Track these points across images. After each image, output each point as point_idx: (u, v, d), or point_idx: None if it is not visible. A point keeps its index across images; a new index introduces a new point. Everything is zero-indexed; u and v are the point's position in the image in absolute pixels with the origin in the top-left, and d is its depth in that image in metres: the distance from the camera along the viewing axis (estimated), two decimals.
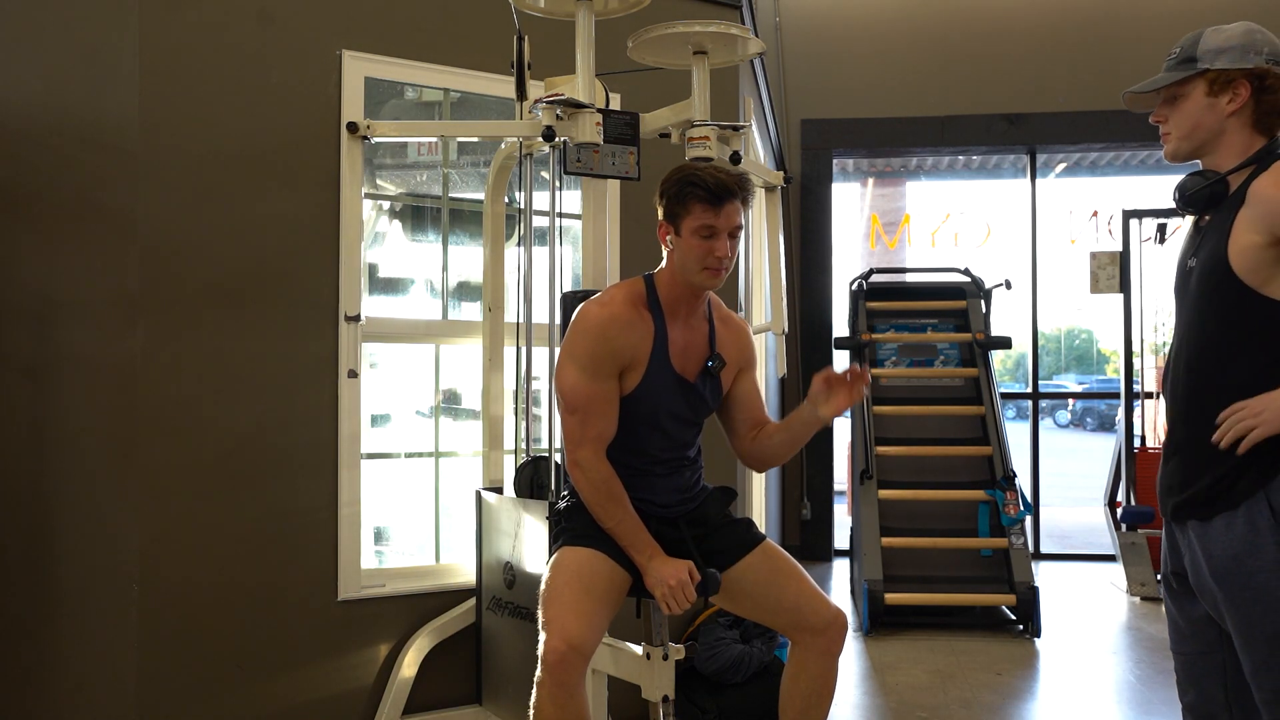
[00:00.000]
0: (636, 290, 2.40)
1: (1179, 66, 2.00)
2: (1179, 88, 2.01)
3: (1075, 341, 15.34)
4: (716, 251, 2.28)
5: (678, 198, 2.30)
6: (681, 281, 2.35)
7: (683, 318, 2.40)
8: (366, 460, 3.31)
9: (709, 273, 2.30)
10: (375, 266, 3.72)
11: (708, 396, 2.44)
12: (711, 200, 2.26)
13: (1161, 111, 2.04)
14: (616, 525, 2.32)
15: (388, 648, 3.26)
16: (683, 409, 2.42)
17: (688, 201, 2.28)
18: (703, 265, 2.29)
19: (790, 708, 2.42)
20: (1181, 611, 2.04)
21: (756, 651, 3.54)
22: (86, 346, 3.05)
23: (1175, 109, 2.01)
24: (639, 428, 2.39)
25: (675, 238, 2.32)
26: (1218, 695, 2.00)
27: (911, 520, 5.43)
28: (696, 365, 2.41)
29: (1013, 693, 4.08)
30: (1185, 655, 2.05)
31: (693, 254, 2.29)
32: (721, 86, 3.24)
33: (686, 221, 2.28)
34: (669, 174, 2.35)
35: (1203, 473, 1.91)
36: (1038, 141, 7.13)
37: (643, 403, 2.37)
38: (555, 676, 2.14)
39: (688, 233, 2.29)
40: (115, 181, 2.99)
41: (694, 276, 2.31)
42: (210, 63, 3.04)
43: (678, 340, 2.39)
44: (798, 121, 7.10)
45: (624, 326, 2.33)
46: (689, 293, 2.37)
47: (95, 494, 3.02)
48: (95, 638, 3.00)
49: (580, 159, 2.78)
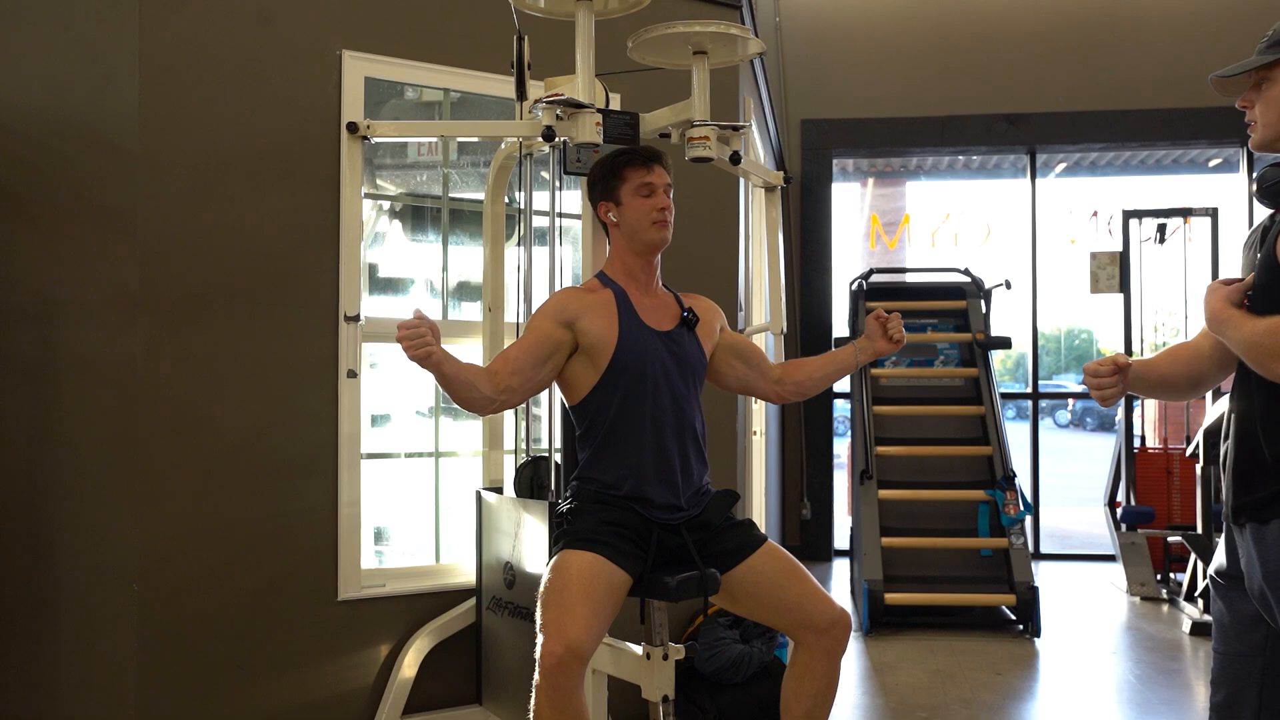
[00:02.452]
0: (589, 282, 2.57)
1: (1269, 49, 1.86)
2: (1268, 71, 1.88)
3: (1075, 341, 15.34)
4: (659, 204, 2.47)
5: (611, 172, 2.50)
6: (633, 249, 2.50)
7: (640, 287, 2.53)
8: (366, 460, 3.31)
9: (659, 225, 2.47)
10: (375, 266, 3.72)
11: (689, 347, 2.51)
12: (642, 162, 2.49)
13: (1249, 97, 1.93)
14: (444, 377, 2.24)
15: (388, 648, 3.26)
16: (670, 362, 2.47)
17: (621, 170, 2.49)
18: (651, 220, 2.46)
19: (794, 708, 2.42)
20: (1230, 609, 1.99)
21: (756, 651, 3.53)
22: (86, 346, 3.05)
23: (1262, 95, 1.89)
24: (637, 389, 2.42)
25: (618, 209, 2.49)
26: (1251, 700, 1.98)
27: (911, 520, 5.43)
28: (670, 320, 2.53)
29: (1013, 693, 4.08)
30: (1226, 655, 2.01)
31: (639, 212, 2.46)
32: (721, 86, 3.24)
33: (625, 188, 2.48)
34: (591, 167, 2.58)
35: (1262, 477, 1.86)
36: (1038, 141, 7.13)
37: (630, 358, 2.42)
38: (553, 680, 2.14)
39: (629, 196, 2.47)
40: (115, 181, 2.99)
41: (645, 234, 2.47)
42: (210, 63, 3.04)
43: (643, 303, 2.51)
44: (798, 121, 7.10)
45: (578, 294, 2.49)
46: (641, 263, 2.52)
47: (95, 494, 3.02)
48: (95, 638, 3.00)
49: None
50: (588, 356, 2.42)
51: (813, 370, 2.68)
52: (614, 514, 2.39)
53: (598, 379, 2.42)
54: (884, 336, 2.61)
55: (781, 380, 2.69)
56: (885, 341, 2.61)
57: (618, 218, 2.49)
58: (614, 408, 2.41)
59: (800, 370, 2.69)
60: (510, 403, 2.39)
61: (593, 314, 2.43)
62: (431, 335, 2.17)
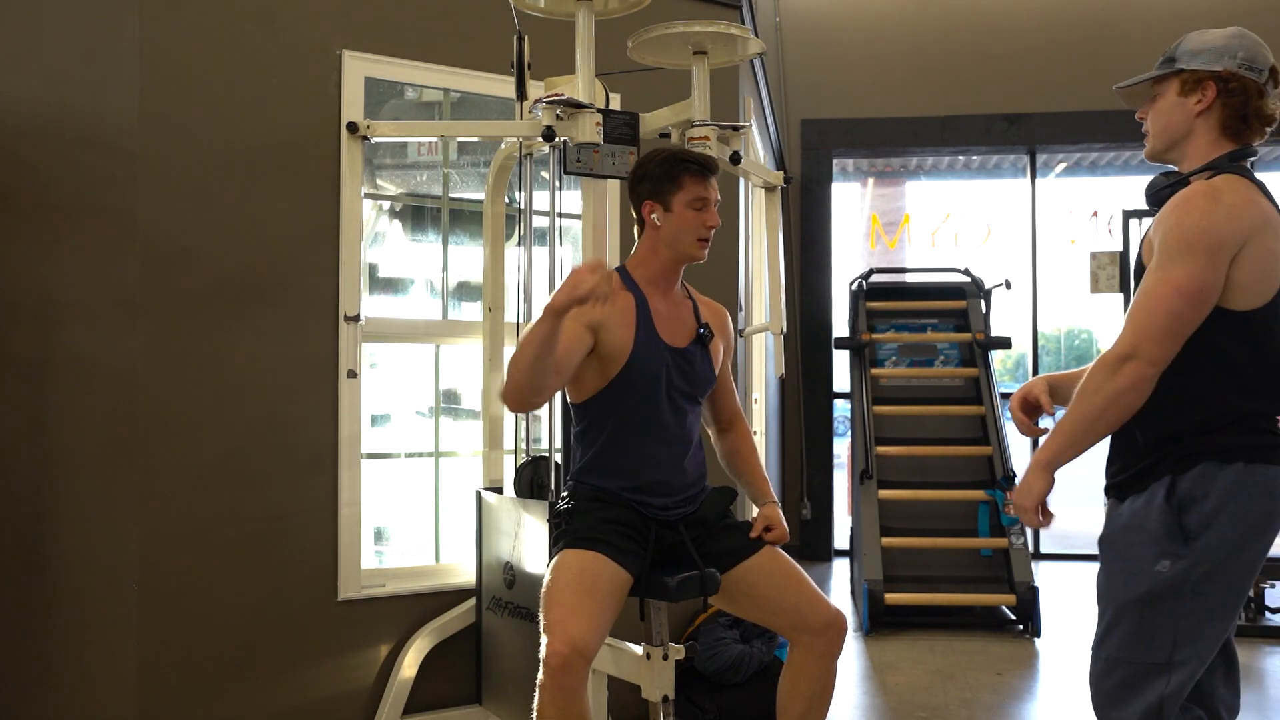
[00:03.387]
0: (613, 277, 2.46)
1: (1161, 66, 2.02)
2: (1157, 85, 2.03)
3: (1075, 341, 15.34)
4: (709, 221, 2.41)
5: (668, 175, 2.40)
6: (667, 256, 2.43)
7: (661, 293, 2.47)
8: (366, 460, 3.31)
9: (702, 243, 2.42)
10: (375, 266, 3.72)
11: (699, 366, 2.48)
12: (702, 174, 2.41)
13: (1145, 109, 2.06)
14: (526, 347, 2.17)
15: (388, 648, 3.26)
16: (679, 380, 2.44)
17: (679, 177, 2.39)
18: (697, 236, 2.40)
19: (790, 709, 2.42)
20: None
21: (756, 651, 3.54)
22: (86, 346, 3.05)
23: (1154, 107, 2.03)
24: (643, 404, 2.41)
25: (665, 214, 2.40)
26: None
27: (911, 520, 5.43)
28: (686, 336, 2.48)
29: (1013, 693, 4.08)
30: None
31: (688, 225, 2.40)
32: (721, 86, 3.24)
33: (678, 196, 2.39)
34: (646, 156, 2.46)
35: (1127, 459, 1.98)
36: (1038, 141, 7.13)
37: (640, 373, 2.39)
38: (557, 680, 2.14)
39: (680, 206, 2.39)
40: (115, 181, 2.99)
41: (687, 248, 2.41)
42: (210, 63, 3.04)
43: (662, 312, 2.45)
44: (798, 121, 7.10)
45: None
46: (669, 269, 2.46)
47: (95, 494, 3.02)
48: (95, 638, 3.00)
49: (580, 159, 2.78)
50: (599, 361, 2.40)
51: (741, 469, 2.65)
52: (612, 511, 2.39)
53: (604, 385, 2.41)
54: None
55: (722, 441, 2.67)
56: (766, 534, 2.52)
57: (662, 222, 2.42)
58: (616, 417, 2.41)
59: (738, 457, 2.65)
60: (547, 399, 2.38)
61: (614, 323, 2.39)
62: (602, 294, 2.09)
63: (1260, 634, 4.90)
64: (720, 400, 2.63)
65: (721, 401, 2.63)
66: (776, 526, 2.52)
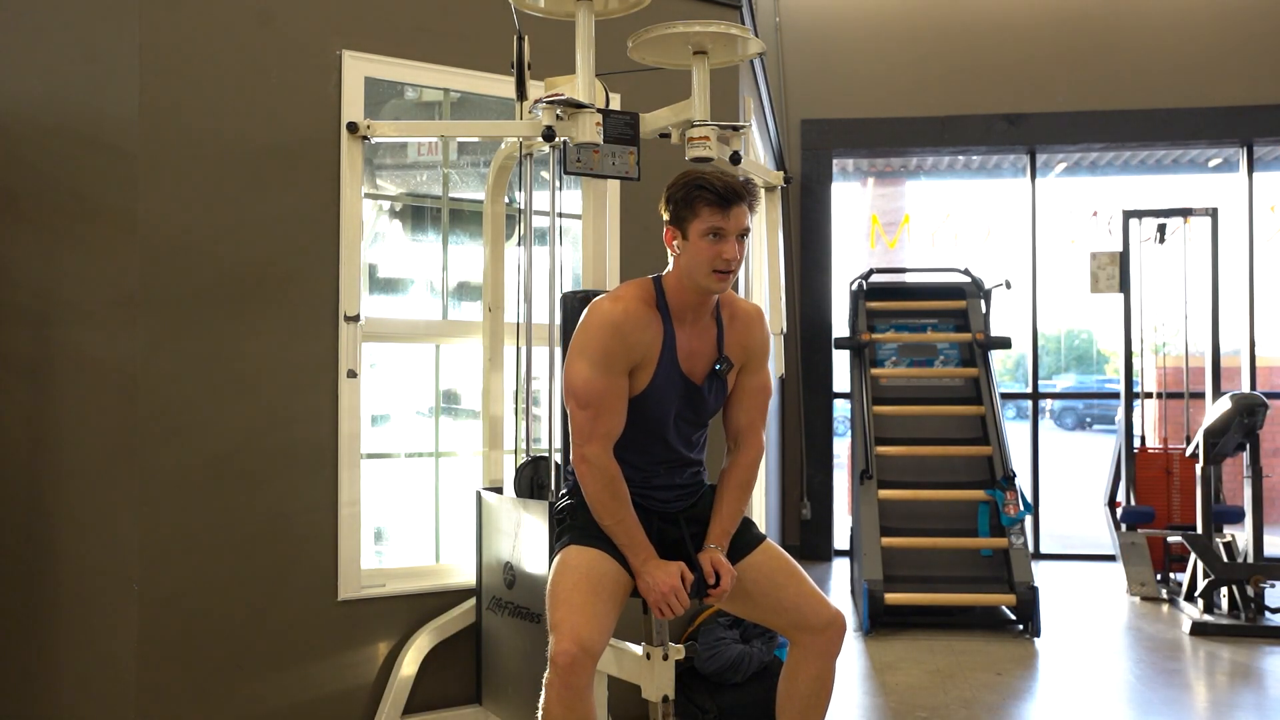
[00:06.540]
0: (647, 290, 2.38)
1: None
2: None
3: (1075, 341, 15.34)
4: (725, 254, 2.26)
5: (685, 201, 2.29)
6: (689, 286, 2.33)
7: (689, 322, 2.38)
8: (366, 460, 3.31)
9: (718, 276, 2.28)
10: (375, 266, 3.71)
11: (711, 400, 2.44)
12: (720, 202, 2.26)
13: None
14: (616, 524, 2.32)
15: (388, 647, 3.26)
16: (688, 412, 2.42)
17: (695, 205, 2.27)
18: (712, 268, 2.27)
19: (788, 709, 2.42)
20: None
21: (756, 651, 3.54)
22: (86, 346, 3.05)
23: None
24: (646, 430, 2.39)
25: (683, 242, 2.30)
26: None
27: (911, 520, 5.43)
28: (704, 368, 2.40)
29: (1013, 693, 4.08)
30: None
31: (701, 257, 2.27)
32: (721, 86, 3.24)
33: (695, 225, 2.28)
34: (675, 179, 2.34)
35: None
36: (1038, 141, 7.13)
37: (650, 405, 2.36)
38: (565, 679, 2.14)
39: (696, 236, 2.27)
40: (115, 181, 2.99)
41: (702, 280, 2.29)
42: (210, 63, 3.04)
43: (685, 344, 2.38)
44: (798, 121, 7.10)
45: (638, 324, 2.32)
46: (696, 298, 2.35)
47: (95, 494, 3.02)
48: (95, 638, 3.00)
49: (580, 159, 2.78)
50: None
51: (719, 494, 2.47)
52: None
53: None
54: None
55: (726, 458, 2.51)
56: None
57: (680, 250, 2.31)
58: (622, 434, 2.38)
59: (723, 481, 2.48)
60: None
61: (641, 349, 2.32)
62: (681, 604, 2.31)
63: (1260, 634, 4.90)
64: (730, 412, 2.50)
65: (730, 414, 2.50)
66: (724, 575, 2.35)
